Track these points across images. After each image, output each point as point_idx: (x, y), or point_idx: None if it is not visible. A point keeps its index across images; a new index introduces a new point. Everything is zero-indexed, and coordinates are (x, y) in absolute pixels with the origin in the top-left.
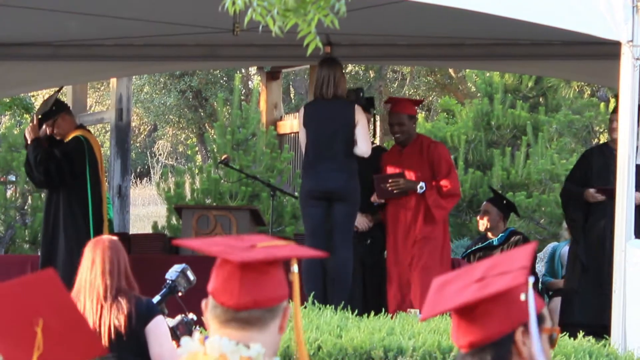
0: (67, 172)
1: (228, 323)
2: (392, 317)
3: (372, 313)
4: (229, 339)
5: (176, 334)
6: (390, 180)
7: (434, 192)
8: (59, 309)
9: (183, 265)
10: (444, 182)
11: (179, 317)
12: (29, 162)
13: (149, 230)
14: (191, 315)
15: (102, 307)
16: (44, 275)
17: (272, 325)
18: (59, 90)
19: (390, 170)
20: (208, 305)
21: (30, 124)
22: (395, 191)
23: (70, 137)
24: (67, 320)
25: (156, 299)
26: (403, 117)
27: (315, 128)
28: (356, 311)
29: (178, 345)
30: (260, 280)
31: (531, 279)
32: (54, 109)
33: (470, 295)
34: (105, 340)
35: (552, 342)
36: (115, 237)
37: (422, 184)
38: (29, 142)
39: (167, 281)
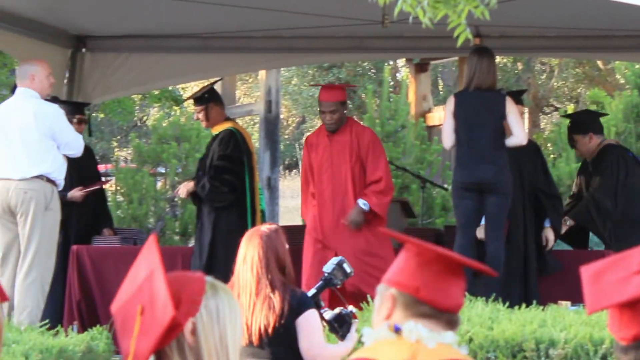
0: (238, 172)
1: (428, 318)
2: (543, 309)
3: (524, 305)
4: (422, 325)
5: (334, 326)
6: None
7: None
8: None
9: (340, 257)
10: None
11: (337, 310)
12: (212, 195)
13: (298, 222)
14: (350, 308)
15: (254, 302)
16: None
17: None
18: (216, 81)
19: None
20: (400, 299)
21: (184, 186)
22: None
23: (219, 130)
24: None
25: (312, 291)
26: (335, 104)
27: (465, 118)
28: (507, 303)
29: (339, 338)
30: (463, 283)
31: None
32: (206, 97)
33: (637, 288)
34: (256, 334)
35: None
36: (273, 226)
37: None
38: (183, 195)
39: (324, 274)
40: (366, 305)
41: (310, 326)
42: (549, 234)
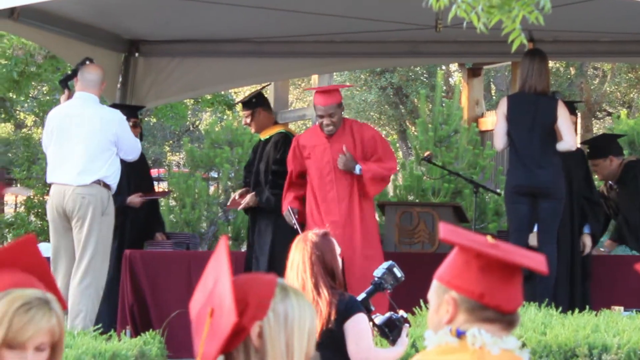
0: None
1: (492, 323)
2: (596, 314)
3: (577, 310)
4: (485, 331)
5: (384, 331)
6: None
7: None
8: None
9: (390, 262)
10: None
11: (387, 314)
12: (278, 204)
13: None
14: (401, 312)
15: None
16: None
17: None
18: (265, 86)
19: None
20: (462, 304)
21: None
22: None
23: (268, 134)
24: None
25: (362, 296)
26: (333, 107)
27: (517, 121)
28: (560, 308)
29: (389, 343)
30: (520, 282)
31: None
32: (254, 102)
33: None
34: None
35: None
36: (322, 231)
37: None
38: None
39: (374, 278)
40: (418, 310)
41: (359, 330)
42: (587, 240)
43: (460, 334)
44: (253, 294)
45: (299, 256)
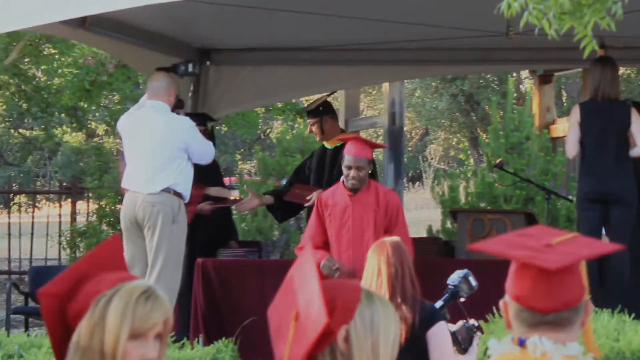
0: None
1: (536, 326)
2: None
3: None
4: (547, 338)
5: (457, 339)
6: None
7: None
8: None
9: (465, 270)
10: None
11: (460, 323)
12: None
13: (422, 234)
14: (472, 321)
15: None
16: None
17: (577, 323)
18: (330, 94)
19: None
20: (510, 309)
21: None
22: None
23: (336, 143)
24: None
25: (438, 303)
26: (364, 161)
27: (590, 128)
28: (633, 314)
29: (459, 351)
30: (567, 280)
31: None
32: (321, 110)
33: None
34: None
35: None
36: (397, 239)
37: None
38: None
39: (449, 286)
40: (491, 318)
41: (441, 338)
42: None
43: (522, 342)
44: (340, 298)
45: (376, 263)
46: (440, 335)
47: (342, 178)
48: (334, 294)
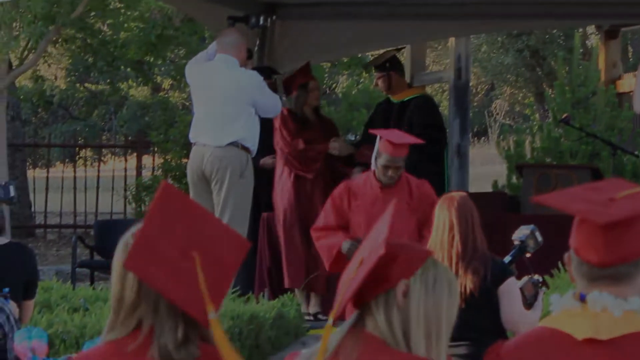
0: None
1: (595, 281)
2: None
3: None
4: (608, 293)
5: (524, 294)
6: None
7: None
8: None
9: (532, 226)
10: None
11: (525, 278)
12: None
13: (488, 189)
14: (537, 276)
15: (458, 267)
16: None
17: (638, 278)
18: (399, 49)
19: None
20: (572, 262)
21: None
22: None
23: (402, 98)
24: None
25: (507, 259)
26: (402, 160)
27: None
28: None
29: (525, 306)
30: (625, 235)
31: None
32: (388, 65)
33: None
34: (462, 296)
35: None
36: (464, 193)
37: None
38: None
39: (516, 242)
40: (557, 272)
41: (512, 294)
42: None
43: (582, 298)
44: (404, 253)
45: (447, 217)
46: (511, 291)
47: (372, 167)
48: (400, 248)
